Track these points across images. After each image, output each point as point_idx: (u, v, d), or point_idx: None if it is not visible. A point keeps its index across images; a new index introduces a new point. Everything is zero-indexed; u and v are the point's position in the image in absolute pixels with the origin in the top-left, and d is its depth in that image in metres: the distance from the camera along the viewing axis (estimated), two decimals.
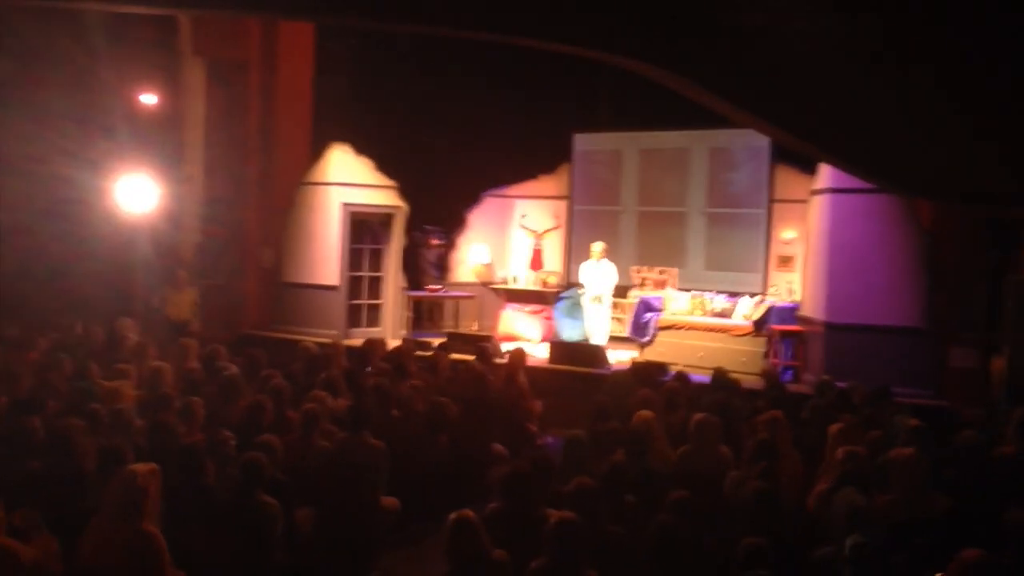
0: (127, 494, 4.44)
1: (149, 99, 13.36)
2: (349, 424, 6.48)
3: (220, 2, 6.19)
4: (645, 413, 6.67)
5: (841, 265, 10.48)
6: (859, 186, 9.96)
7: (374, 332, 12.95)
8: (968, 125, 6.08)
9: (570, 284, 14.70)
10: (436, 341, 11.27)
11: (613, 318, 13.74)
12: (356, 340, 11.58)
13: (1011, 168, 6.76)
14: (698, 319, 12.27)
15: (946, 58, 5.09)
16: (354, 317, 13.54)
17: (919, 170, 7.41)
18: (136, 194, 11.14)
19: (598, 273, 12.56)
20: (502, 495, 5.04)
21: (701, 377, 9.49)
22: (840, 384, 8.32)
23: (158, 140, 12.98)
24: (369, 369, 9.14)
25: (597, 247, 12.65)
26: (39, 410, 6.34)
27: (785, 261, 13.23)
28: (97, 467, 5.24)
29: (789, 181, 13.07)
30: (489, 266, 15.37)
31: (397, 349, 10.11)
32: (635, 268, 13.93)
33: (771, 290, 12.94)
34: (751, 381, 9.88)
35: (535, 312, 14.50)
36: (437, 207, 14.99)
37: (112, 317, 10.65)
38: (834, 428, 6.53)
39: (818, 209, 11.01)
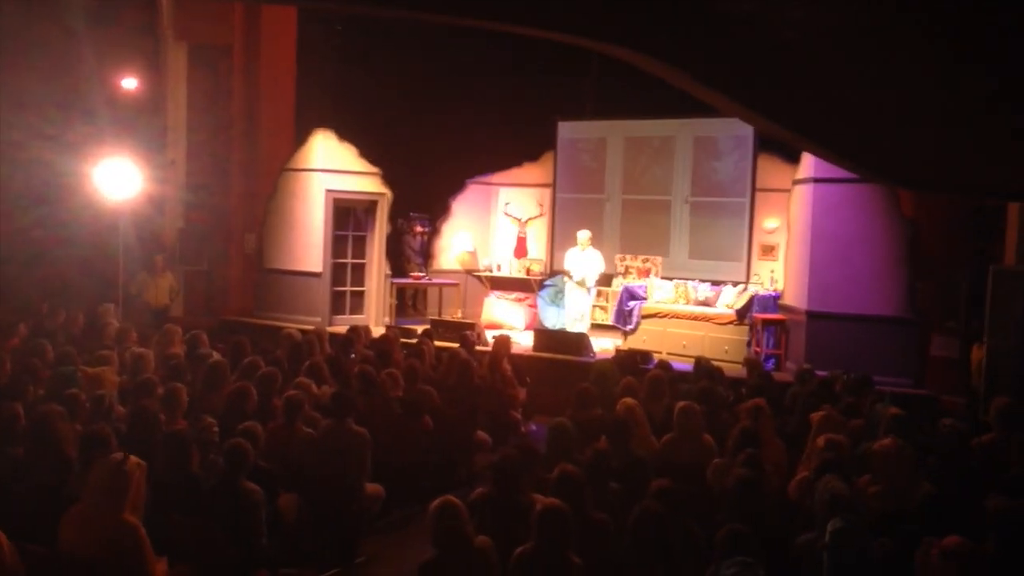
0: (111, 481, 4.40)
1: (130, 83, 13.27)
2: (333, 411, 6.47)
3: None
4: (628, 401, 6.69)
5: (823, 254, 10.54)
6: (842, 176, 10.00)
7: (357, 319, 12.93)
8: (951, 115, 6.11)
9: (554, 272, 14.72)
10: (420, 328, 11.26)
11: (596, 306, 13.79)
12: (339, 327, 11.56)
13: (992, 158, 6.80)
14: (681, 307, 12.31)
15: (931, 48, 5.11)
16: (337, 304, 13.51)
17: (901, 160, 7.44)
18: (118, 179, 11.05)
19: (583, 261, 12.56)
20: (491, 481, 5.06)
21: (684, 365, 9.54)
22: (822, 373, 8.38)
23: (140, 125, 12.93)
24: (353, 356, 9.13)
25: (583, 235, 12.65)
26: (20, 396, 6.30)
27: (768, 250, 13.28)
28: (79, 453, 5.21)
29: (772, 170, 13.10)
30: (473, 254, 15.36)
31: (383, 336, 10.09)
32: (619, 256, 13.95)
33: (754, 279, 12.99)
34: (734, 369, 9.94)
35: (519, 300, 14.53)
36: (421, 194, 14.97)
37: (93, 303, 10.59)
38: (816, 416, 6.57)
39: (801, 198, 11.05)
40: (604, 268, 12.83)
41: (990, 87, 5.52)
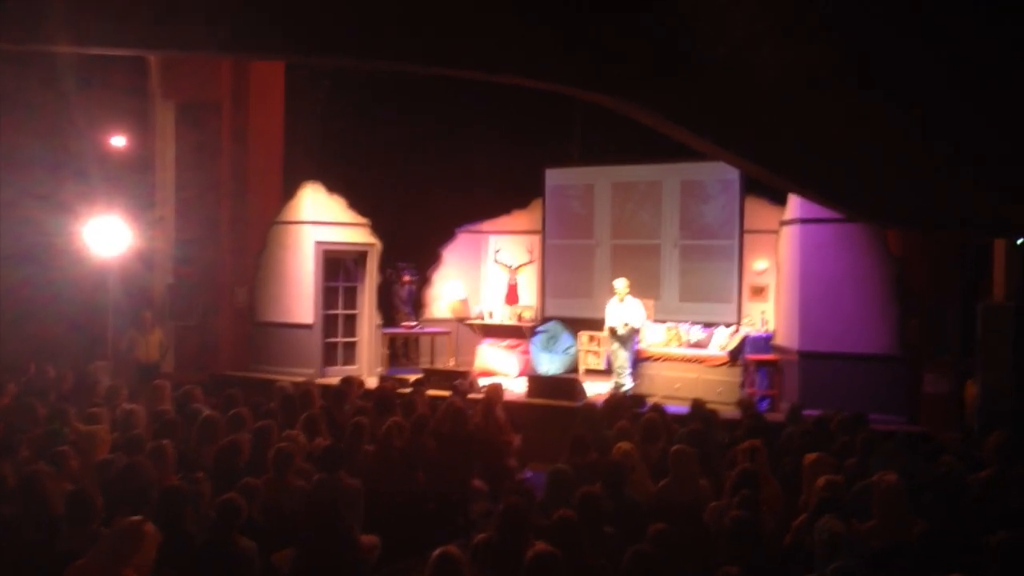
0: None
1: (120, 142, 13.37)
2: (324, 464, 6.42)
3: (189, 42, 6.20)
4: (624, 445, 6.66)
5: (813, 294, 10.59)
6: (828, 216, 10.09)
7: (350, 370, 12.89)
8: (933, 153, 6.19)
9: (545, 318, 14.73)
10: (413, 378, 11.23)
11: (589, 351, 13.80)
12: (332, 379, 11.51)
13: (977, 194, 6.87)
14: (674, 350, 12.30)
15: (909, 86, 5.18)
16: (329, 355, 13.49)
17: (887, 198, 7.51)
18: (107, 237, 11.09)
19: (622, 311, 11.99)
20: (495, 527, 5.01)
21: (678, 408, 9.51)
22: (815, 412, 8.37)
23: (129, 183, 12.98)
24: (347, 407, 9.09)
25: (621, 284, 12.04)
26: (9, 455, 6.25)
27: (758, 291, 13.31)
28: (68, 511, 5.16)
29: (760, 212, 13.18)
30: (464, 302, 15.36)
31: (381, 387, 10.06)
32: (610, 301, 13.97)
33: (745, 320, 13.02)
34: (728, 411, 9.91)
35: (511, 347, 14.51)
36: (411, 244, 15.00)
37: (83, 360, 10.55)
38: (810, 458, 6.54)
39: (789, 239, 11.13)
40: (644, 317, 12.18)
41: (970, 123, 5.59)
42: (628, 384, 11.89)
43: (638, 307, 12.12)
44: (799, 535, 5.46)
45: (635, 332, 12.07)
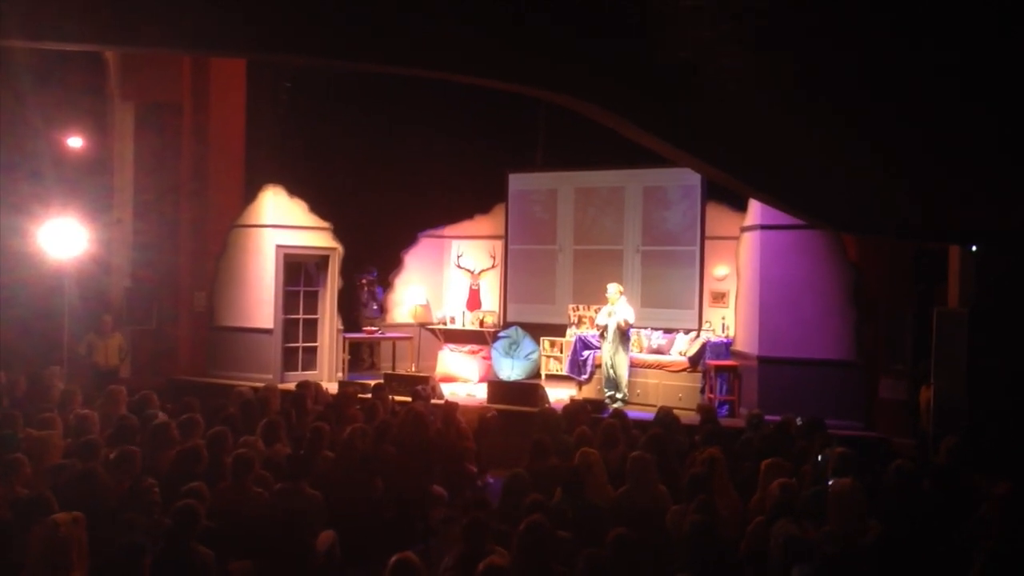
0: (51, 546, 4.29)
1: (77, 143, 13.16)
2: (287, 473, 6.35)
3: (146, 38, 6.13)
4: (587, 450, 6.68)
5: (772, 300, 10.68)
6: (788, 222, 10.18)
7: (310, 375, 12.80)
8: (891, 161, 6.27)
9: (507, 323, 14.72)
10: (373, 383, 11.18)
11: (551, 356, 13.81)
12: (292, 384, 11.43)
13: (931, 202, 6.98)
14: (635, 356, 12.35)
15: (868, 95, 5.25)
16: (290, 360, 13.38)
17: (844, 205, 7.60)
18: (63, 239, 10.91)
19: (615, 312, 11.64)
20: (463, 540, 4.96)
21: (639, 413, 9.55)
22: (774, 417, 8.43)
23: (86, 184, 12.79)
24: (307, 413, 9.02)
25: (612, 290, 11.72)
26: None
27: (719, 297, 13.40)
28: (21, 519, 5.05)
29: (721, 218, 13.28)
30: (426, 307, 15.33)
31: (341, 392, 9.99)
32: (572, 306, 14.01)
33: (706, 326, 13.10)
34: (688, 416, 9.97)
35: (473, 352, 14.49)
36: (373, 248, 14.94)
37: (37, 365, 10.36)
38: (766, 463, 6.59)
39: (749, 246, 11.22)
40: (632, 317, 11.70)
41: (926, 133, 5.68)
42: (624, 395, 11.64)
43: (628, 307, 11.75)
44: (756, 539, 5.50)
45: (626, 334, 11.69)
